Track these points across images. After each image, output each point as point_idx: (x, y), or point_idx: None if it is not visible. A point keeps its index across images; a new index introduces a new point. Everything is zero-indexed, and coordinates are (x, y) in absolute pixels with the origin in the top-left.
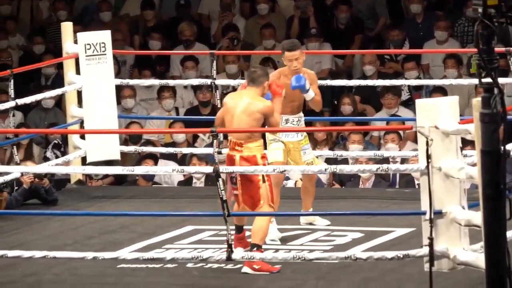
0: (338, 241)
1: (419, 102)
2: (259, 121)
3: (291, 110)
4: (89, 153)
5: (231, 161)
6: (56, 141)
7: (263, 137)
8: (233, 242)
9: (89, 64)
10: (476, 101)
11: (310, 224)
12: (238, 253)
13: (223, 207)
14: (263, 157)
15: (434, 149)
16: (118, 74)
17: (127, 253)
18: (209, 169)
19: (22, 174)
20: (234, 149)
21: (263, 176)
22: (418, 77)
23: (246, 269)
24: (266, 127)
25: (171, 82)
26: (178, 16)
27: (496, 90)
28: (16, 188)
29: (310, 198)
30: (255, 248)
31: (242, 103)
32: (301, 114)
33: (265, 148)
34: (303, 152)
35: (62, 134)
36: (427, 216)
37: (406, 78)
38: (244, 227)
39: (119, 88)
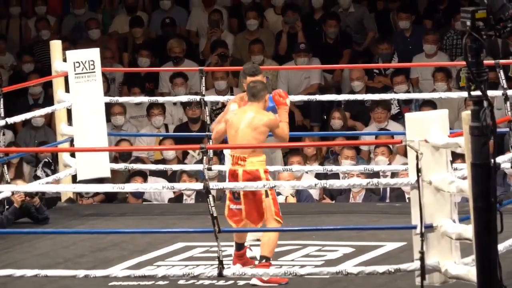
0: (329, 256)
1: (409, 116)
2: (264, 135)
3: None
4: (79, 171)
5: (233, 175)
6: (46, 160)
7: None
8: (223, 259)
9: (79, 82)
10: (466, 114)
11: (258, 240)
12: (230, 269)
13: (214, 224)
14: (266, 171)
15: (424, 163)
16: (107, 92)
17: (119, 270)
18: (199, 185)
19: (12, 193)
20: (237, 163)
21: (266, 190)
22: (408, 91)
23: (255, 281)
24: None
25: (160, 99)
26: (166, 33)
27: (485, 103)
28: (6, 207)
29: None
30: (264, 260)
31: (246, 118)
32: None
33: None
34: None
35: (52, 152)
36: (418, 230)
37: (395, 92)
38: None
39: (108, 106)
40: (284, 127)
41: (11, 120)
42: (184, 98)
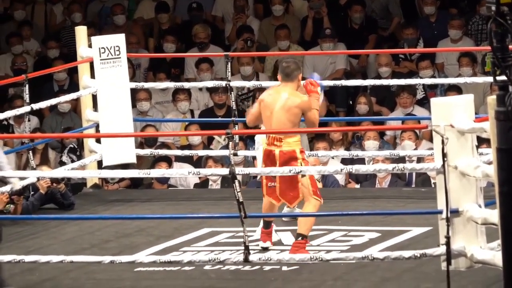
0: (355, 241)
1: (434, 101)
2: (297, 116)
3: None
4: (105, 156)
5: (269, 156)
6: (72, 145)
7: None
8: (249, 244)
9: (104, 67)
10: (491, 99)
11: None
12: (256, 255)
13: (240, 209)
14: (302, 151)
15: (449, 147)
16: (133, 78)
17: (144, 256)
18: (225, 171)
19: (38, 179)
20: (273, 144)
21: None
22: (433, 76)
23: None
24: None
25: (186, 85)
26: (191, 19)
27: (511, 88)
28: (32, 193)
29: None
30: (300, 238)
31: (280, 99)
32: None
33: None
34: None
35: (78, 138)
36: (444, 215)
37: (420, 77)
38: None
39: (134, 92)
40: (315, 113)
41: (36, 106)
42: (210, 84)
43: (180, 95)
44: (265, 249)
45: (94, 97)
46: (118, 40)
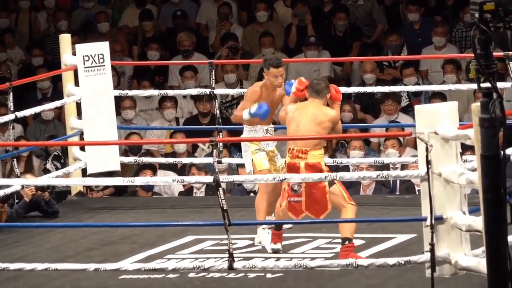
0: (339, 248)
1: (418, 108)
2: (327, 130)
3: (270, 120)
4: (89, 164)
5: (293, 169)
6: (56, 153)
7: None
8: (234, 252)
9: (88, 75)
10: (475, 106)
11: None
12: (240, 262)
13: (224, 217)
14: (325, 164)
15: (434, 155)
16: (118, 86)
17: (129, 264)
18: (209, 178)
19: (23, 187)
20: (297, 156)
21: (329, 181)
22: (417, 83)
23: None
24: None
25: (170, 92)
26: (175, 26)
27: (495, 95)
28: (17, 201)
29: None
30: (346, 242)
31: (309, 113)
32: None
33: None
34: (276, 159)
35: (62, 146)
36: (428, 222)
37: (405, 84)
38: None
39: (118, 99)
40: (340, 125)
41: (21, 114)
42: (194, 91)
43: (167, 103)
44: (276, 251)
45: (78, 105)
46: (102, 48)
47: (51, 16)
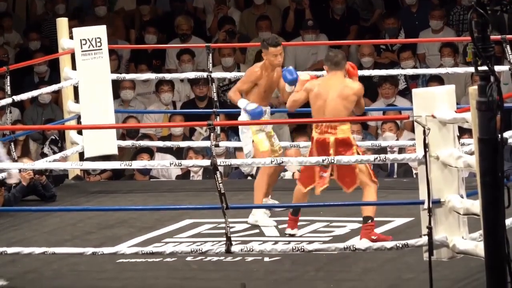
0: (337, 232)
1: (416, 92)
2: (353, 103)
3: (268, 101)
4: (86, 148)
5: (323, 144)
6: (53, 137)
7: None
8: (231, 235)
9: (85, 59)
10: (473, 89)
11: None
12: (238, 246)
13: (222, 200)
14: (354, 138)
15: (431, 138)
16: (118, 69)
17: (126, 247)
18: (206, 162)
19: (20, 171)
20: (326, 132)
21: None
22: (415, 67)
23: (364, 241)
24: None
25: (167, 76)
26: (173, 10)
27: (492, 78)
28: (14, 184)
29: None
30: (369, 221)
31: (334, 88)
32: None
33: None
34: (273, 139)
35: (59, 129)
36: (426, 206)
37: (402, 68)
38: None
39: (117, 82)
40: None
41: (18, 97)
42: (191, 75)
43: (164, 86)
44: (292, 235)
45: (76, 89)
46: (100, 31)
47: (48, 0)
